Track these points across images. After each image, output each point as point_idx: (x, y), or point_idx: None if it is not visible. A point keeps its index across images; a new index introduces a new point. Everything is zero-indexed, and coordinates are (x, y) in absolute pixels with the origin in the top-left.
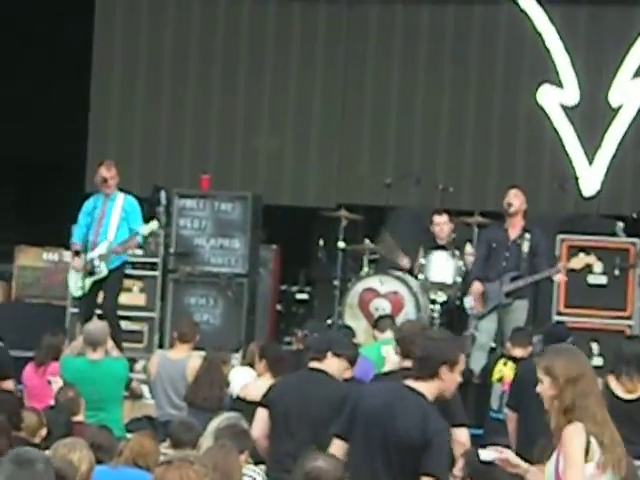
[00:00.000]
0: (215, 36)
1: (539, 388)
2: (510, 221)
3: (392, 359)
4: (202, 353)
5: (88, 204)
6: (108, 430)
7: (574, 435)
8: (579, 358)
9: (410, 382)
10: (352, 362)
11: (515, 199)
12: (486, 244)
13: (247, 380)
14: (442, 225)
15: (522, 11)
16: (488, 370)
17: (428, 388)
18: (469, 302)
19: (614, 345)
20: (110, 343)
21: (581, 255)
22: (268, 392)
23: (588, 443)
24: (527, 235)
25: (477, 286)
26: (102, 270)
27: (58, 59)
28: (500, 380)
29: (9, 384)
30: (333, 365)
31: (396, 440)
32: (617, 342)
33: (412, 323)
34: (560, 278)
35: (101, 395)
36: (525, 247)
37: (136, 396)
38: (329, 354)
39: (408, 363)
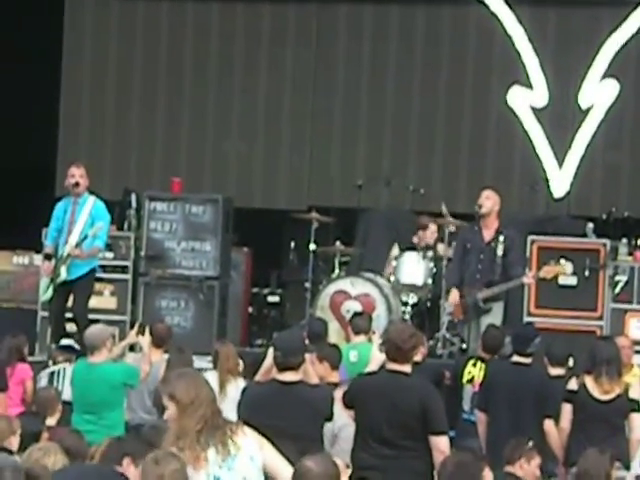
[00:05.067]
0: (184, 39)
1: (166, 416)
2: (483, 222)
3: (377, 357)
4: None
5: (59, 208)
6: (79, 434)
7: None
8: (197, 381)
9: None
10: None
11: (486, 200)
12: (461, 246)
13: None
14: (434, 232)
15: (491, 13)
16: (459, 372)
17: None
18: (448, 309)
19: (585, 346)
20: (109, 344)
21: (552, 264)
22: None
23: None
24: (501, 237)
25: (454, 296)
26: (61, 274)
27: (27, 63)
28: (470, 381)
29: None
30: None
31: None
32: (589, 343)
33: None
34: (529, 283)
35: (92, 399)
36: (499, 250)
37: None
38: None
39: (393, 365)
